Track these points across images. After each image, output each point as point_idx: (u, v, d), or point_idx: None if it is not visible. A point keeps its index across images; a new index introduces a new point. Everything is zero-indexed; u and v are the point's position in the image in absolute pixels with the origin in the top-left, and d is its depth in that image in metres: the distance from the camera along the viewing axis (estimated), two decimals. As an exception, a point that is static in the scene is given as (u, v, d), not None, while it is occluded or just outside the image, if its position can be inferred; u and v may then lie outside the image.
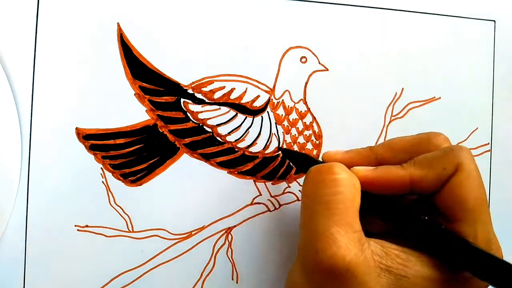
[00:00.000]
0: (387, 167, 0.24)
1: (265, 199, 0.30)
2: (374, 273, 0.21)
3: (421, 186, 0.23)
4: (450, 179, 0.22)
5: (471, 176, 0.22)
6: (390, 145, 0.26)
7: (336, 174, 0.22)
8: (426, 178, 0.23)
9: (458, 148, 0.23)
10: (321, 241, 0.20)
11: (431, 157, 0.23)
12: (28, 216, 0.27)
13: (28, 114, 0.27)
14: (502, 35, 0.33)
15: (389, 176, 0.23)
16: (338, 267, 0.20)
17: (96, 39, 0.27)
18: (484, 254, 0.21)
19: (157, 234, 0.28)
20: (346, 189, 0.22)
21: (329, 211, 0.21)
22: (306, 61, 0.30)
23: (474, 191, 0.22)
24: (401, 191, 0.23)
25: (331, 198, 0.21)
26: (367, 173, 0.24)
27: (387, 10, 0.31)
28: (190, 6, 0.29)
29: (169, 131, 0.29)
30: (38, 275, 0.27)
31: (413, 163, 0.23)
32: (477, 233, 0.22)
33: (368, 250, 0.21)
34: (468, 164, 0.22)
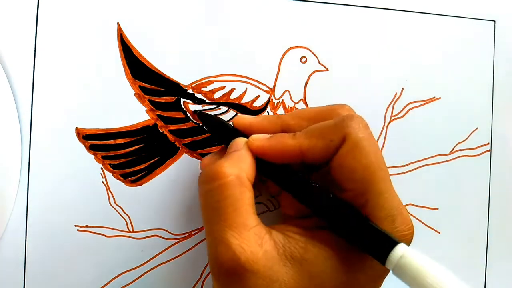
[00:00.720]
0: (280, 136, 0.24)
1: (265, 199, 0.30)
2: (278, 265, 0.21)
3: (310, 157, 0.23)
4: (338, 151, 0.22)
5: (358, 146, 0.22)
6: (297, 113, 0.26)
7: (220, 180, 0.22)
8: (314, 148, 0.23)
9: (349, 117, 0.23)
10: (218, 247, 0.21)
11: (321, 127, 0.23)
12: (28, 216, 0.27)
13: (28, 114, 0.27)
14: (502, 35, 0.33)
15: (281, 146, 0.23)
16: (236, 269, 0.21)
17: (96, 39, 0.27)
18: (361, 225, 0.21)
19: (157, 234, 0.28)
20: (233, 190, 0.22)
21: (220, 217, 0.22)
22: (306, 61, 0.30)
23: (362, 161, 0.22)
24: (293, 160, 0.23)
25: (220, 205, 0.22)
26: (262, 142, 0.24)
27: (387, 10, 0.31)
28: (190, 6, 0.29)
29: (169, 131, 0.29)
30: (38, 275, 0.27)
31: (304, 133, 0.23)
32: (366, 203, 0.22)
33: (270, 242, 0.22)
34: (355, 134, 0.22)
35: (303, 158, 0.23)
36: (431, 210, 0.33)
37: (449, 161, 0.33)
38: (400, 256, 0.20)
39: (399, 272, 0.20)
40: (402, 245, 0.21)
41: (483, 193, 0.34)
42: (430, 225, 0.33)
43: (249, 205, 0.22)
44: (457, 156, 0.33)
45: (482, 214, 0.34)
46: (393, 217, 0.22)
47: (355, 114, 0.24)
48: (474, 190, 0.33)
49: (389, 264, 0.21)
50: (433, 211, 0.33)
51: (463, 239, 0.33)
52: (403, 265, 0.20)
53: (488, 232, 0.34)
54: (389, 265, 0.21)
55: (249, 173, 0.23)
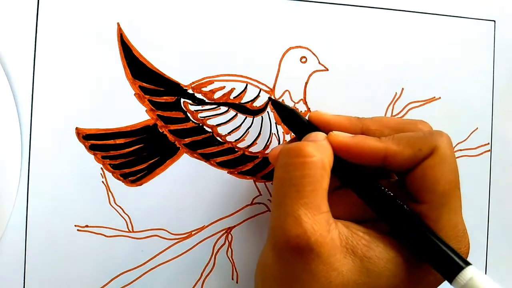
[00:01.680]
0: (365, 137, 0.24)
1: (265, 199, 0.30)
2: (340, 254, 0.21)
3: (394, 162, 0.23)
4: (424, 161, 0.23)
5: (445, 161, 0.22)
6: (379, 120, 0.26)
7: (305, 157, 0.22)
8: (400, 155, 0.23)
9: (438, 133, 0.23)
10: (288, 221, 0.21)
11: (410, 136, 0.24)
12: (28, 216, 0.27)
13: (28, 114, 0.27)
14: (502, 35, 0.33)
15: (365, 146, 0.23)
16: (303, 247, 0.21)
17: (96, 39, 0.27)
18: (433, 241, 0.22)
19: (157, 234, 0.28)
20: (315, 171, 0.22)
21: (297, 193, 0.22)
22: (306, 61, 0.30)
23: (446, 176, 0.22)
24: (374, 162, 0.24)
25: (300, 181, 0.22)
26: (345, 139, 0.24)
27: (387, 10, 0.31)
28: (190, 6, 0.29)
29: (169, 131, 0.29)
30: (38, 275, 0.27)
31: (391, 138, 0.24)
32: (440, 218, 0.22)
33: (335, 231, 0.22)
34: (444, 148, 0.23)
35: (385, 163, 0.23)
36: (431, 210, 0.33)
37: (449, 161, 0.33)
38: (470, 278, 0.21)
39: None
40: (473, 267, 0.21)
41: (483, 193, 0.34)
42: (430, 225, 0.33)
43: (325, 190, 0.22)
44: (457, 156, 0.33)
45: (482, 214, 0.34)
46: (460, 238, 0.23)
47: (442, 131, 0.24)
48: (474, 190, 0.33)
49: (456, 284, 0.21)
50: (433, 211, 0.33)
51: (463, 239, 0.33)
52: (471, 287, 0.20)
53: (488, 232, 0.34)
54: (456, 284, 0.21)
55: (331, 162, 0.23)
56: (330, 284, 0.21)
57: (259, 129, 0.30)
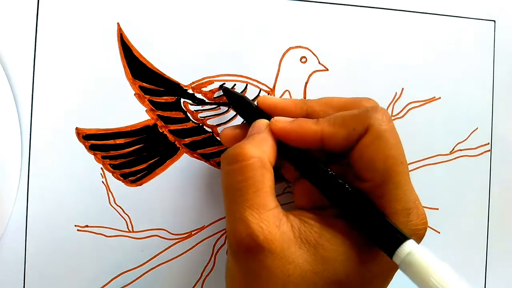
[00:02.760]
0: (304, 120, 0.24)
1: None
2: (294, 246, 0.22)
3: (331, 144, 0.23)
4: (360, 140, 0.23)
5: (380, 137, 0.22)
6: (324, 101, 0.26)
7: (243, 161, 0.22)
8: (336, 136, 0.23)
9: (372, 109, 0.23)
10: (237, 225, 0.22)
11: (344, 115, 0.24)
12: (28, 216, 0.27)
13: (28, 114, 0.27)
14: (502, 35, 0.33)
15: (303, 130, 0.24)
16: (254, 246, 0.21)
17: (96, 39, 0.27)
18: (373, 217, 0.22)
19: (157, 234, 0.28)
20: (254, 173, 0.22)
21: (241, 197, 0.22)
22: (306, 61, 0.30)
23: (383, 152, 0.22)
24: (313, 146, 0.24)
25: (242, 185, 0.22)
26: (284, 124, 0.24)
27: (387, 10, 0.31)
28: (190, 6, 0.29)
29: (169, 131, 0.29)
30: (38, 275, 0.27)
31: (327, 120, 0.24)
32: (385, 194, 0.22)
33: (287, 224, 0.22)
34: (378, 125, 0.22)
35: (324, 145, 0.24)
36: (431, 210, 0.33)
37: (449, 161, 0.33)
38: (408, 252, 0.21)
39: (405, 268, 0.21)
40: (411, 241, 0.21)
41: (483, 193, 0.34)
42: (430, 225, 0.33)
43: (269, 187, 0.22)
44: (457, 156, 0.33)
45: (482, 214, 0.34)
46: (408, 210, 0.23)
47: (379, 106, 0.24)
48: (474, 190, 0.33)
49: (396, 258, 0.21)
50: (433, 211, 0.33)
51: (463, 239, 0.33)
52: (409, 261, 0.20)
53: (488, 232, 0.34)
54: (396, 259, 0.21)
55: (271, 156, 0.23)
56: (289, 277, 0.21)
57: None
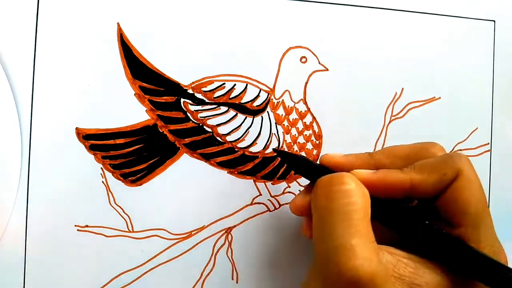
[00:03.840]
0: (387, 171, 0.24)
1: (265, 199, 0.30)
2: (391, 282, 0.21)
3: (422, 191, 0.23)
4: (451, 184, 0.23)
5: (471, 181, 0.23)
6: (389, 151, 0.26)
7: (347, 185, 0.22)
8: (426, 182, 0.23)
9: (458, 155, 0.23)
10: (342, 253, 0.20)
11: (432, 162, 0.24)
12: (28, 216, 0.27)
13: (28, 114, 0.27)
14: (502, 35, 0.33)
15: (390, 180, 0.23)
16: (361, 279, 0.20)
17: (96, 39, 0.27)
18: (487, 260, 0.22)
19: (157, 234, 0.28)
20: (358, 199, 0.21)
21: (346, 222, 0.21)
22: (306, 61, 0.30)
23: (475, 196, 0.23)
24: (401, 194, 0.24)
25: (347, 209, 0.21)
26: (368, 175, 0.24)
27: (387, 10, 0.31)
28: (190, 6, 0.29)
29: (169, 131, 0.29)
30: (38, 275, 0.27)
31: (413, 168, 0.24)
32: (480, 238, 0.22)
33: (384, 259, 0.21)
34: (468, 169, 0.23)
35: (413, 192, 0.23)
36: (431, 210, 0.33)
37: (449, 161, 0.33)
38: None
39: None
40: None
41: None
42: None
43: (369, 220, 0.22)
44: (457, 156, 0.33)
45: (482, 214, 0.34)
46: (498, 254, 0.23)
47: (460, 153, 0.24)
48: (474, 190, 0.33)
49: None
50: (433, 211, 0.33)
51: (463, 239, 0.33)
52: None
53: (488, 232, 0.34)
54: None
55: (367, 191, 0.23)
56: None
57: (259, 129, 0.30)
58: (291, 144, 0.30)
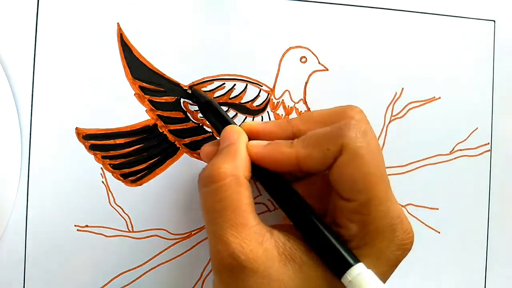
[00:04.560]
0: (277, 143, 0.24)
1: (265, 199, 0.30)
2: (279, 264, 0.21)
3: (307, 166, 0.23)
4: (336, 160, 0.22)
5: (356, 156, 0.22)
6: (307, 116, 0.25)
7: (217, 182, 0.22)
8: (310, 157, 0.22)
9: (346, 125, 0.22)
10: (218, 245, 0.21)
11: (318, 135, 0.23)
12: (28, 216, 0.27)
13: (28, 114, 0.27)
14: (502, 35, 0.33)
15: (277, 153, 0.23)
16: (235, 266, 0.21)
17: (96, 39, 0.27)
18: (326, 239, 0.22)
19: (157, 234, 0.28)
20: (230, 192, 0.22)
21: (220, 218, 0.22)
22: (306, 61, 0.30)
23: (363, 170, 0.22)
24: (289, 168, 0.23)
25: (219, 206, 0.22)
26: (258, 149, 0.24)
27: (387, 10, 0.31)
28: (190, 6, 0.29)
29: (169, 131, 0.29)
30: (38, 275, 0.27)
31: (301, 141, 0.23)
32: (370, 211, 0.22)
33: (270, 240, 0.22)
34: (352, 144, 0.22)
35: (300, 167, 0.23)
36: (431, 210, 0.33)
37: (449, 161, 0.33)
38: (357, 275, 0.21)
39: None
40: (361, 264, 0.21)
41: (483, 193, 0.34)
42: (430, 225, 0.33)
43: (248, 205, 0.22)
44: (457, 156, 0.33)
45: (482, 214, 0.34)
46: (394, 225, 0.22)
47: (353, 120, 0.23)
48: (474, 190, 0.33)
49: (344, 280, 0.21)
50: (433, 211, 0.33)
51: (463, 239, 0.33)
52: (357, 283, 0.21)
53: (488, 232, 0.34)
54: (344, 281, 0.21)
55: (245, 170, 0.23)
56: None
57: (259, 129, 0.30)
58: (291, 144, 0.30)
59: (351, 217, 0.22)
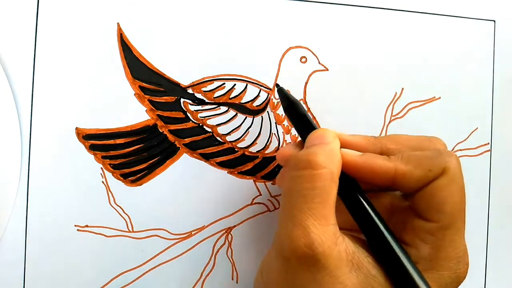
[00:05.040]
0: (375, 156, 0.24)
1: (265, 199, 0.30)
2: (346, 268, 0.21)
3: (404, 182, 0.23)
4: (433, 181, 0.23)
5: (454, 182, 0.23)
6: (395, 138, 0.26)
7: (315, 170, 0.22)
8: (410, 175, 0.23)
9: (448, 153, 0.23)
10: (296, 231, 0.21)
11: (420, 155, 0.23)
12: (28, 216, 0.27)
13: (28, 114, 0.27)
14: (502, 35, 0.33)
15: (374, 165, 0.23)
16: (310, 257, 0.21)
17: (96, 39, 0.27)
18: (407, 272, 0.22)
19: (157, 234, 0.28)
20: (324, 183, 0.22)
21: (305, 205, 0.22)
22: (306, 61, 0.30)
23: (454, 197, 0.23)
24: (383, 182, 0.23)
25: (309, 193, 0.22)
26: (355, 158, 0.24)
27: (387, 10, 0.31)
28: (190, 6, 0.29)
29: (169, 131, 0.29)
30: (38, 275, 0.27)
31: (401, 157, 0.23)
32: (445, 238, 0.23)
33: (342, 244, 0.22)
34: (453, 169, 0.23)
35: (395, 183, 0.23)
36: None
37: (449, 161, 0.33)
38: None
39: None
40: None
41: (483, 193, 0.34)
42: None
43: (333, 202, 0.22)
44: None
45: (482, 214, 0.34)
46: (460, 258, 0.23)
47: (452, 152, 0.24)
48: (474, 190, 0.33)
49: None
50: (433, 211, 0.33)
51: (463, 239, 0.33)
52: None
53: (488, 232, 0.34)
54: None
55: (338, 170, 0.23)
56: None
57: (259, 129, 0.30)
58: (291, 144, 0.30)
59: (425, 238, 0.23)
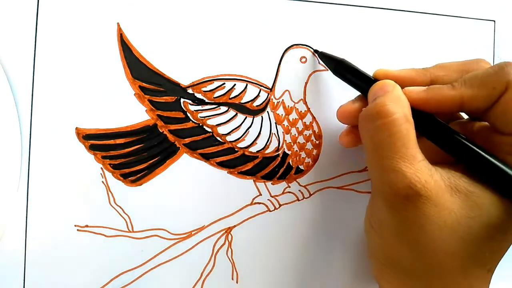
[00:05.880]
0: (438, 87, 0.25)
1: (265, 199, 0.30)
2: (447, 194, 0.23)
3: (472, 105, 0.24)
4: (501, 97, 0.23)
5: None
6: (442, 66, 0.27)
7: (387, 117, 0.23)
8: (477, 97, 0.24)
9: (506, 66, 0.24)
10: (392, 176, 0.23)
11: (481, 75, 0.24)
12: (28, 216, 0.27)
13: (28, 114, 0.27)
14: (502, 35, 0.33)
15: (440, 96, 0.24)
16: (412, 195, 0.22)
17: (96, 39, 0.27)
18: None
19: (157, 234, 0.28)
20: (399, 128, 0.23)
21: (390, 151, 0.23)
22: (306, 61, 0.30)
23: None
24: (452, 110, 0.25)
25: (389, 140, 0.23)
26: (420, 94, 0.25)
27: (387, 10, 0.31)
28: (190, 6, 0.29)
29: (169, 131, 0.29)
30: (38, 275, 0.27)
31: (463, 83, 0.24)
32: None
33: (437, 174, 0.23)
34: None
35: (463, 108, 0.24)
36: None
37: (449, 161, 0.33)
38: None
39: None
40: None
41: None
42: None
43: (415, 141, 0.23)
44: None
45: None
46: None
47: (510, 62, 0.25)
48: None
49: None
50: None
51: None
52: None
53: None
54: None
55: (409, 110, 0.24)
56: (445, 223, 0.22)
57: (259, 129, 0.30)
58: (291, 144, 0.30)
59: (510, 150, 0.24)
